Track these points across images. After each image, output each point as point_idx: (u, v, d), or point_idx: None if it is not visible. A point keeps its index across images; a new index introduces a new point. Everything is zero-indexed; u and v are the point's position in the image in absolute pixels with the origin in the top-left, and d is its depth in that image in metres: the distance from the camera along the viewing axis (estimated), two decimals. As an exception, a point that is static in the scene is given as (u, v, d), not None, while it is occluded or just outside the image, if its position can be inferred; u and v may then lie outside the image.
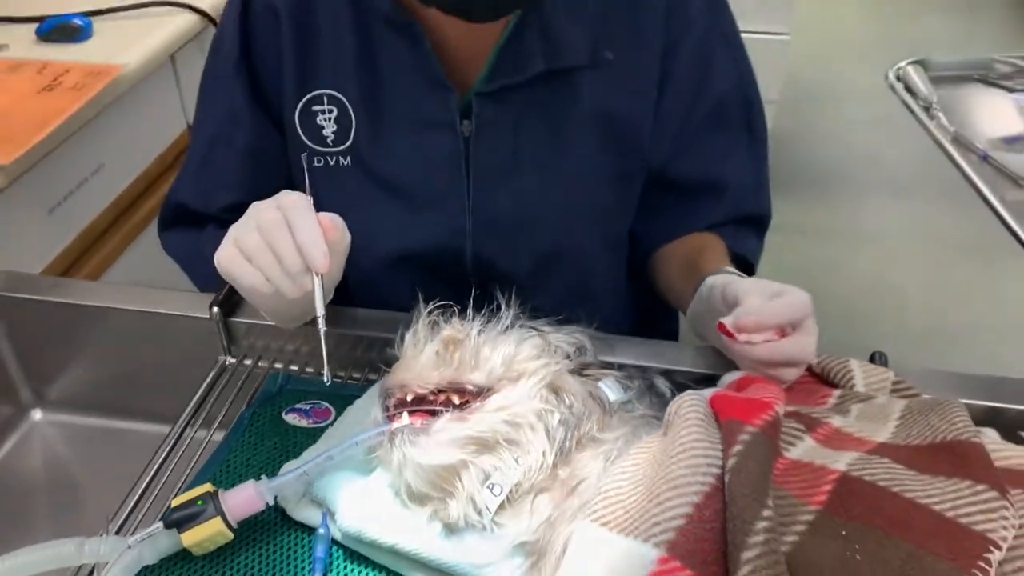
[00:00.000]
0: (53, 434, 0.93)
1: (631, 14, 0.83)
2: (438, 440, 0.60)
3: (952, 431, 0.56)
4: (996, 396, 0.74)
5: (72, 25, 1.35)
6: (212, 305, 0.82)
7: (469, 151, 0.83)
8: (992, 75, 1.23)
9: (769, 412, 0.54)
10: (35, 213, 1.17)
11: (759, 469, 0.50)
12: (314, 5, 0.84)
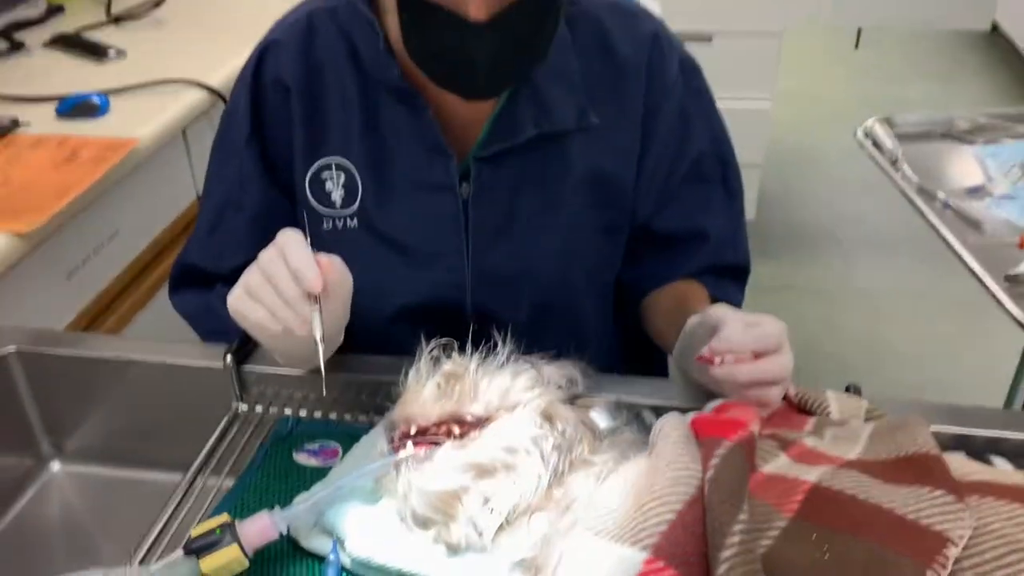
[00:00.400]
0: (71, 484, 0.97)
1: (614, 82, 0.91)
2: (440, 467, 0.65)
3: (914, 446, 0.61)
4: (965, 423, 0.79)
5: (90, 103, 1.43)
6: (226, 354, 0.87)
7: (468, 211, 0.90)
8: (954, 131, 1.31)
9: (744, 430, 0.59)
10: (54, 278, 1.23)
11: (735, 479, 0.54)
12: (323, 79, 0.91)
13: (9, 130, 1.37)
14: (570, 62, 0.89)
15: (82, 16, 1.89)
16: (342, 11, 0.90)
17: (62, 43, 1.72)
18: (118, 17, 1.88)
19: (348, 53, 0.90)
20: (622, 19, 0.92)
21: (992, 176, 1.19)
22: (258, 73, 0.92)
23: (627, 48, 0.91)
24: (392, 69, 0.87)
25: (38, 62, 1.68)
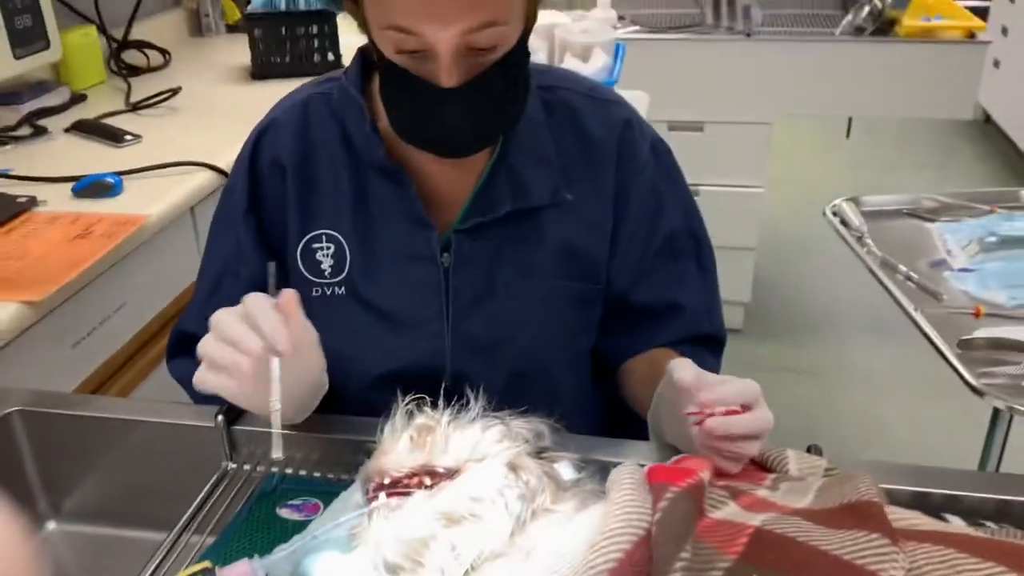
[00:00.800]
0: (66, 544, 1.00)
1: (587, 161, 0.97)
2: (411, 516, 0.69)
3: (856, 494, 0.64)
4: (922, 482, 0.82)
5: (105, 183, 1.51)
6: (217, 414, 0.91)
7: (448, 281, 0.95)
8: (919, 210, 1.37)
9: (693, 477, 0.63)
10: (60, 347, 1.29)
11: (681, 521, 0.58)
12: (316, 158, 0.98)
13: (27, 208, 1.45)
14: (546, 143, 0.96)
15: (103, 104, 2.01)
16: (336, 97, 0.98)
17: (82, 128, 1.82)
18: (136, 105, 1.99)
19: (340, 135, 0.97)
20: (596, 105, 0.99)
21: (951, 250, 1.25)
22: (256, 153, 0.99)
23: (600, 131, 0.98)
24: (378, 148, 0.93)
25: (59, 146, 1.78)
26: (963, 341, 1.04)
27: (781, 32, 2.66)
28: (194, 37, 2.68)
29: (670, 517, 0.57)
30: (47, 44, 1.91)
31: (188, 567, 0.69)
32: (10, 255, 1.29)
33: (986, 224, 1.28)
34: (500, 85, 0.85)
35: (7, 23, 1.79)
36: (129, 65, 2.27)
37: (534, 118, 0.96)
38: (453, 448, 0.72)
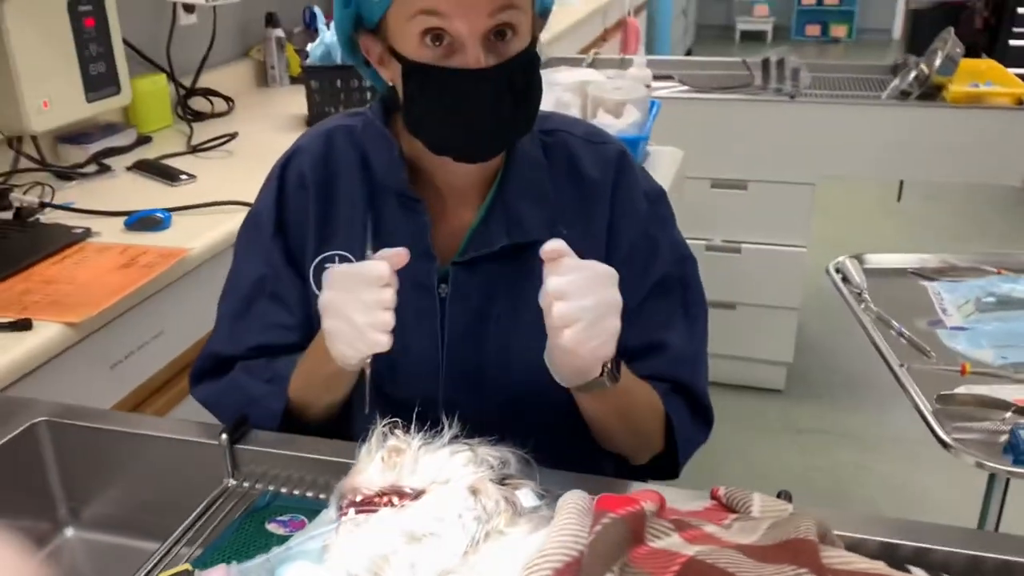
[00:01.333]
0: (81, 550, 1.07)
1: (581, 200, 1.03)
2: (375, 532, 0.73)
3: (795, 533, 0.66)
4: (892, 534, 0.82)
5: (154, 218, 1.62)
6: (221, 432, 0.97)
7: (445, 310, 1.00)
8: (925, 270, 1.37)
9: (634, 506, 0.66)
10: (99, 368, 1.37)
11: (612, 543, 0.61)
12: (337, 183, 1.05)
13: (82, 238, 1.55)
14: (543, 182, 1.02)
15: (166, 146, 2.14)
16: (359, 129, 1.05)
17: (142, 167, 1.95)
18: (195, 148, 2.11)
19: (360, 163, 1.04)
20: (592, 148, 1.05)
21: (946, 309, 1.25)
22: (283, 177, 1.07)
23: (595, 172, 1.03)
24: (402, 173, 1.00)
25: (119, 183, 1.90)
26: (942, 396, 1.04)
27: (826, 95, 2.68)
28: (260, 87, 2.83)
29: (602, 540, 0.60)
30: (118, 89, 2.06)
31: (169, 569, 0.74)
32: (59, 279, 1.39)
33: (985, 285, 1.28)
34: (519, 77, 0.91)
35: (82, 69, 1.94)
36: (194, 111, 2.41)
37: (533, 158, 1.02)
38: (421, 470, 0.76)
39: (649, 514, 0.67)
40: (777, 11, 9.37)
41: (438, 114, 0.92)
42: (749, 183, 2.65)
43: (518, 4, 0.89)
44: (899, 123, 2.48)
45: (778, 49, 2.86)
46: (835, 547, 0.70)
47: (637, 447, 1.04)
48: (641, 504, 0.66)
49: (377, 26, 0.93)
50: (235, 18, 2.72)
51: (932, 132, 2.46)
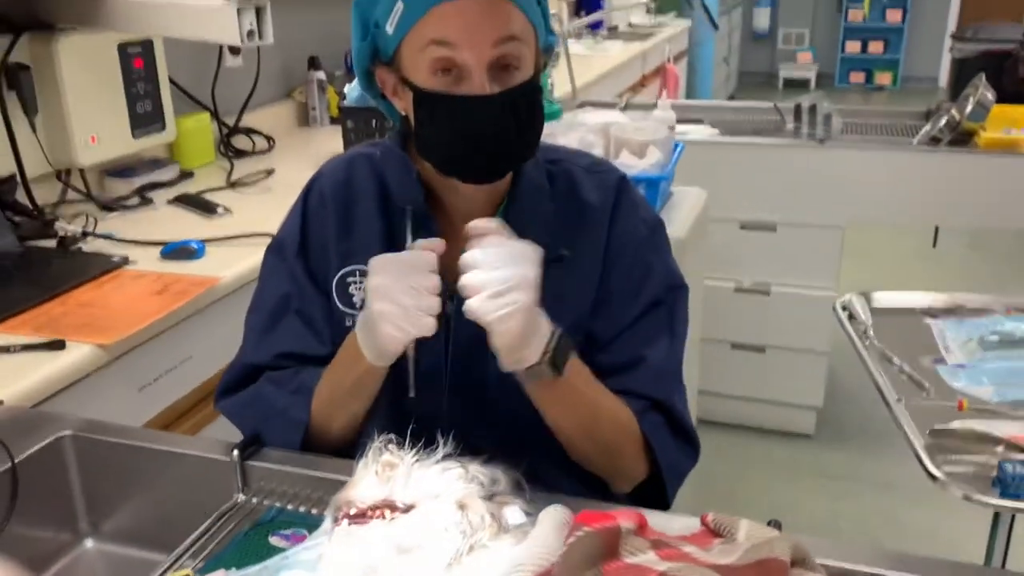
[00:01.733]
0: (99, 562, 1.11)
1: (582, 223, 1.08)
2: (366, 543, 0.76)
3: (770, 553, 0.67)
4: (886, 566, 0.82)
5: (189, 248, 1.68)
6: (233, 449, 1.01)
7: (450, 326, 1.04)
8: (934, 309, 1.37)
9: (610, 522, 0.68)
10: (127, 389, 1.43)
11: (583, 555, 0.63)
12: (356, 203, 1.10)
13: (119, 266, 1.63)
14: (546, 207, 1.07)
15: (207, 181, 2.23)
16: (379, 156, 1.12)
17: (182, 200, 2.03)
18: (235, 183, 2.20)
19: (378, 186, 1.10)
20: (593, 176, 1.10)
21: (949, 347, 1.24)
22: (306, 198, 1.13)
23: (595, 197, 1.08)
24: (418, 193, 1.05)
25: (160, 215, 1.98)
26: (935, 431, 1.04)
27: (856, 139, 2.69)
28: (301, 127, 2.92)
29: (573, 551, 0.62)
30: (163, 127, 2.16)
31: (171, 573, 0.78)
32: (94, 304, 1.46)
33: (989, 323, 1.28)
34: (522, 104, 0.97)
35: (130, 107, 2.04)
36: (236, 149, 2.51)
37: (537, 184, 1.07)
38: (413, 485, 0.79)
39: (625, 531, 0.69)
40: (821, 59, 9.39)
41: (446, 137, 0.98)
42: (778, 225, 2.66)
43: (521, 38, 0.95)
44: (929, 168, 2.47)
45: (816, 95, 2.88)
46: (814, 572, 0.71)
47: (610, 467, 1.06)
48: (617, 521, 0.68)
49: (392, 58, 0.99)
50: (279, 61, 2.83)
51: (964, 178, 2.45)
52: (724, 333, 2.83)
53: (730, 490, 2.64)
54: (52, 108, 1.88)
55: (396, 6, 0.95)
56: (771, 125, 2.92)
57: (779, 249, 2.66)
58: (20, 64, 1.81)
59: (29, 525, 1.06)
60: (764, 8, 9.57)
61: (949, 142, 2.47)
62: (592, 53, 4.55)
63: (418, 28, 0.94)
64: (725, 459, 2.80)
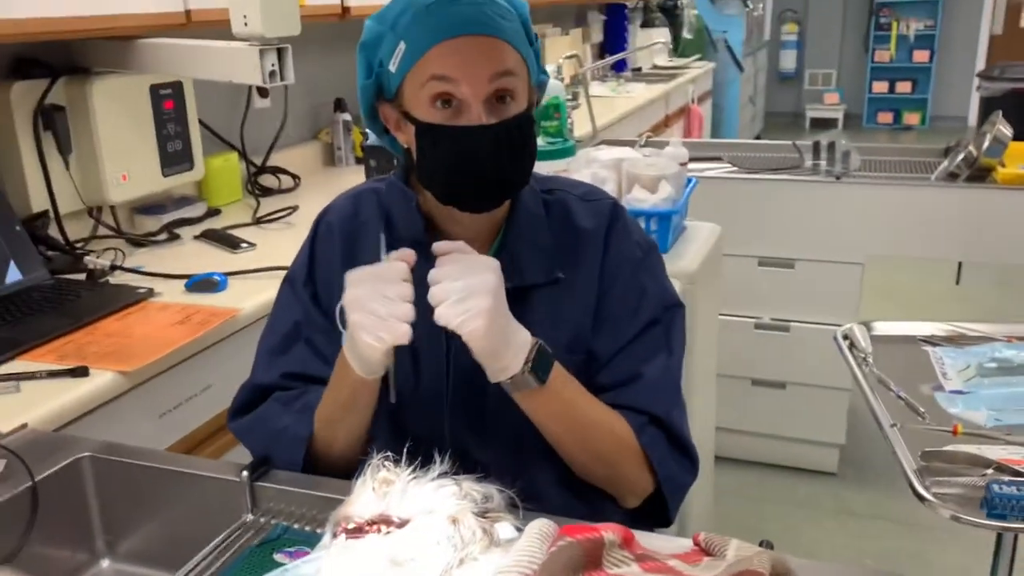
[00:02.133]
0: (114, 582, 1.14)
1: (577, 247, 1.11)
2: (362, 557, 0.78)
3: (747, 565, 0.69)
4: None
5: (212, 280, 1.74)
6: (242, 470, 1.05)
7: (451, 348, 1.07)
8: (935, 338, 1.37)
9: (593, 533, 0.70)
10: (147, 416, 1.47)
11: (562, 563, 0.65)
12: (361, 237, 1.15)
13: (145, 298, 1.68)
14: (543, 234, 1.11)
15: (233, 217, 2.29)
16: (384, 191, 1.17)
17: (208, 236, 2.09)
18: (259, 219, 2.26)
19: (383, 217, 1.14)
20: (587, 204, 1.15)
21: (947, 373, 1.25)
22: (315, 230, 1.19)
23: (589, 223, 1.12)
24: (419, 223, 1.10)
25: (186, 250, 2.05)
26: (927, 453, 1.05)
27: (873, 176, 2.71)
28: (327, 166, 3.00)
29: (553, 559, 0.64)
30: (192, 166, 2.23)
31: (176, 583, 0.81)
32: (119, 333, 1.51)
33: (988, 351, 1.28)
34: (516, 134, 1.02)
35: (160, 146, 2.12)
36: (263, 187, 2.58)
37: (534, 213, 1.12)
38: (409, 501, 0.82)
39: (609, 543, 0.71)
40: (848, 99, 9.41)
41: (446, 166, 1.03)
42: (796, 262, 2.66)
43: (515, 72, 1.01)
44: (947, 204, 2.48)
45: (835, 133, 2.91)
46: (797, 588, 0.73)
47: (611, 479, 1.08)
48: (601, 533, 0.70)
49: (395, 95, 1.04)
50: (307, 103, 2.92)
51: (983, 213, 2.45)
52: (744, 370, 2.83)
53: (753, 528, 2.62)
54: (85, 147, 1.96)
55: (399, 46, 1.00)
56: (790, 162, 2.94)
57: (798, 285, 2.67)
58: (56, 105, 1.89)
59: (48, 544, 1.10)
60: (790, 50, 9.64)
61: (967, 178, 2.48)
62: (616, 95, 4.61)
63: (419, 66, 0.99)
64: (747, 497, 2.78)
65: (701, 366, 1.90)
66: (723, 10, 7.21)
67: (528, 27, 1.07)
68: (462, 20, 0.99)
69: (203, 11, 1.91)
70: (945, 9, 9.00)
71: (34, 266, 1.75)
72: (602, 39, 5.70)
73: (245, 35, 1.64)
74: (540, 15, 4.83)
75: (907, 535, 2.57)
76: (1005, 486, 0.95)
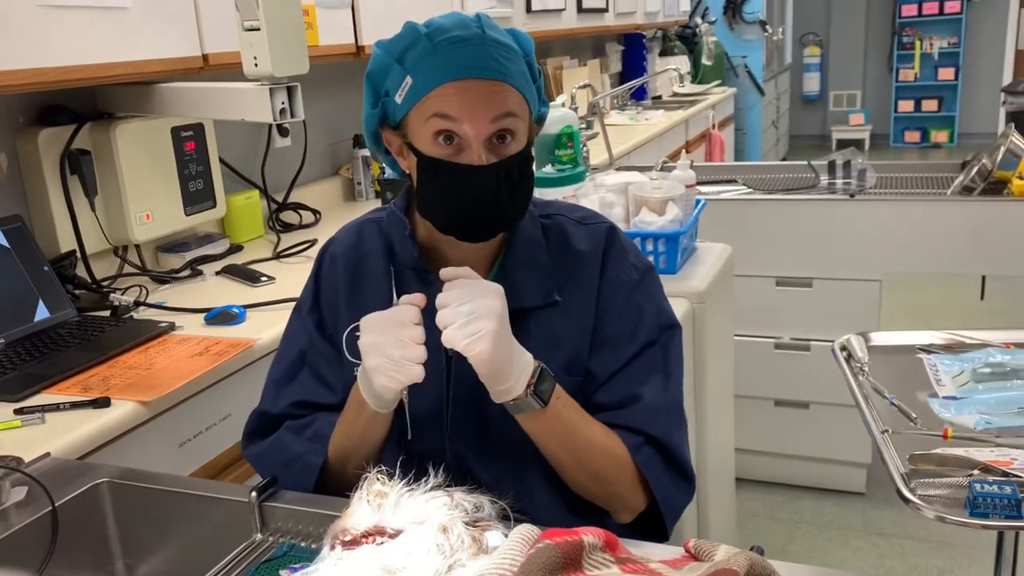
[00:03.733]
0: (133, 604, 1.18)
1: (574, 270, 1.14)
2: (356, 567, 0.81)
3: (725, 564, 0.70)
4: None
5: (231, 313, 1.79)
6: (251, 491, 1.08)
7: (451, 369, 1.11)
8: (933, 347, 1.37)
9: (573, 536, 0.72)
10: (168, 445, 1.51)
11: (540, 564, 0.67)
12: (365, 263, 1.19)
13: (166, 331, 1.73)
14: (541, 258, 1.14)
15: (255, 252, 2.36)
16: (385, 220, 1.21)
17: (229, 271, 2.15)
18: (279, 254, 2.32)
19: (385, 246, 1.19)
20: (584, 227, 1.18)
21: (940, 379, 1.25)
22: (321, 261, 1.23)
23: (586, 245, 1.15)
24: (413, 251, 1.14)
25: (208, 285, 2.11)
26: (915, 456, 1.05)
27: (888, 192, 2.71)
28: (347, 201, 3.06)
29: (531, 561, 0.67)
30: (214, 204, 2.30)
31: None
32: (140, 366, 1.56)
33: (982, 356, 1.27)
34: (515, 172, 1.06)
35: (182, 186, 2.19)
36: (284, 223, 2.64)
37: (533, 238, 1.15)
38: (402, 512, 0.84)
39: (590, 546, 0.73)
40: (874, 119, 9.38)
41: (445, 200, 1.06)
42: (814, 280, 2.66)
43: (517, 113, 1.05)
44: (963, 218, 2.47)
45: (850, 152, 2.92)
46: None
47: (606, 496, 1.10)
48: (581, 535, 0.72)
49: (398, 124, 1.08)
50: (326, 140, 2.99)
51: (999, 226, 2.44)
52: (766, 390, 2.82)
53: (780, 549, 2.60)
54: (110, 189, 2.03)
55: (405, 80, 1.04)
56: (806, 182, 2.95)
57: (816, 304, 2.66)
58: (82, 150, 1.97)
59: (69, 568, 1.14)
60: (813, 72, 9.64)
61: (982, 191, 2.47)
62: (634, 123, 4.65)
63: (424, 102, 1.03)
64: (774, 518, 2.76)
65: (715, 386, 1.91)
66: (742, 35, 7.25)
67: (532, 64, 1.10)
68: (468, 63, 1.03)
69: (219, 54, 1.98)
70: (969, 25, 8.96)
71: (62, 304, 1.82)
72: (620, 69, 5.76)
73: (256, 75, 1.71)
74: (557, 47, 4.91)
75: (936, 553, 2.53)
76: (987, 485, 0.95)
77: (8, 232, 1.78)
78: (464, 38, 1.03)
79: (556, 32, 4.20)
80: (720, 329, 1.93)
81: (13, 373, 1.54)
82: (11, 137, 1.93)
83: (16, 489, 1.13)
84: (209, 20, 1.96)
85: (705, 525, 1.94)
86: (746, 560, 0.73)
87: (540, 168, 2.27)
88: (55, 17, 1.65)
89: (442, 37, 1.04)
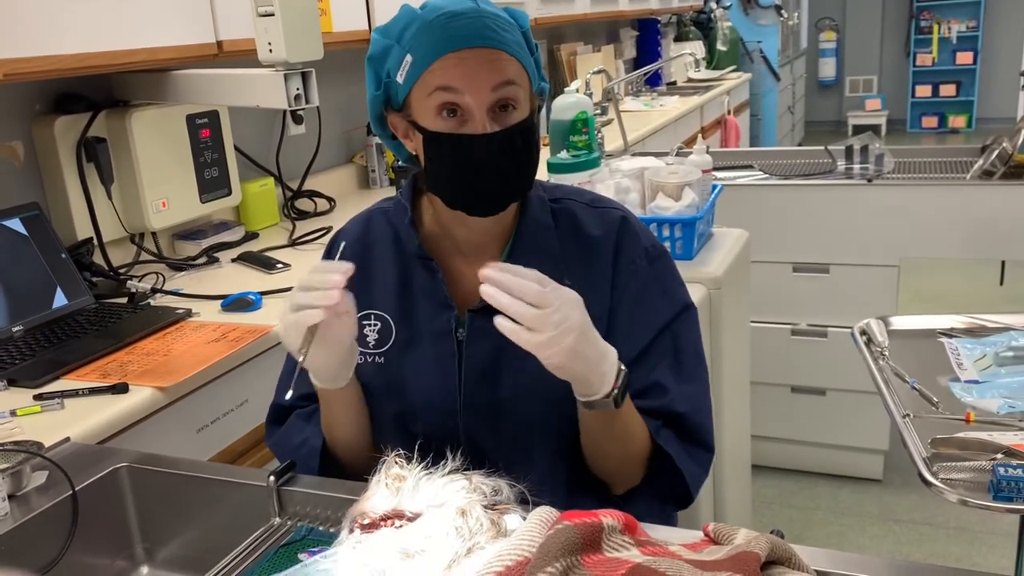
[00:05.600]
0: (153, 587, 1.18)
1: (586, 256, 1.14)
2: (375, 550, 0.81)
3: (745, 547, 0.70)
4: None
5: (247, 299, 1.79)
6: (270, 475, 1.08)
7: (462, 353, 1.11)
8: (955, 331, 1.36)
9: (592, 518, 0.71)
10: (186, 431, 1.52)
11: (559, 544, 0.67)
12: (373, 252, 1.20)
13: (183, 318, 1.74)
14: (552, 243, 1.14)
15: (270, 240, 2.36)
16: (392, 210, 1.21)
17: (245, 259, 2.16)
18: (294, 241, 2.32)
19: (392, 236, 1.19)
20: (595, 212, 1.17)
21: (962, 363, 1.23)
22: (329, 251, 1.23)
23: (598, 231, 1.15)
24: (415, 240, 1.14)
25: (224, 272, 2.11)
26: (936, 440, 1.04)
27: (906, 177, 2.68)
28: (361, 189, 3.06)
29: (550, 542, 0.66)
30: (229, 192, 2.31)
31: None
32: (157, 352, 1.57)
33: (1005, 340, 1.26)
34: (520, 142, 1.06)
35: (198, 174, 2.20)
36: (299, 210, 2.64)
37: (542, 221, 1.15)
38: (420, 495, 0.84)
39: (608, 528, 0.72)
40: (891, 105, 9.29)
41: (452, 173, 1.07)
42: (831, 266, 2.65)
43: (517, 82, 1.05)
44: (982, 202, 2.44)
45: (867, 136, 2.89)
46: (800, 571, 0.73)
47: (620, 474, 1.12)
48: (600, 517, 0.72)
49: (402, 105, 1.08)
50: (340, 127, 2.99)
51: (1019, 210, 2.41)
52: (783, 377, 2.81)
53: (796, 535, 2.59)
54: (126, 177, 2.04)
55: (405, 58, 1.05)
56: (823, 167, 2.92)
57: (833, 290, 2.65)
58: (98, 138, 1.98)
59: (89, 552, 1.15)
60: (829, 58, 9.56)
61: (1002, 175, 2.44)
62: (649, 109, 4.63)
63: (425, 77, 1.03)
64: (790, 505, 2.75)
65: (731, 372, 1.90)
66: (757, 20, 7.19)
67: (528, 37, 1.10)
68: (465, 34, 1.03)
69: (233, 41, 1.98)
70: (987, 9, 8.86)
71: (79, 291, 1.83)
72: (635, 54, 5.72)
73: (271, 61, 1.70)
74: (571, 33, 4.88)
75: (955, 540, 2.52)
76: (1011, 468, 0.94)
77: (26, 220, 1.79)
78: (459, 12, 1.04)
79: (570, 17, 4.18)
80: (736, 315, 1.92)
81: (32, 359, 1.55)
82: (27, 125, 1.94)
83: (37, 474, 1.14)
84: (223, 6, 1.96)
85: (721, 512, 1.93)
86: (767, 543, 0.72)
87: (555, 154, 2.26)
88: (70, 4, 1.65)
89: (437, 13, 1.05)
